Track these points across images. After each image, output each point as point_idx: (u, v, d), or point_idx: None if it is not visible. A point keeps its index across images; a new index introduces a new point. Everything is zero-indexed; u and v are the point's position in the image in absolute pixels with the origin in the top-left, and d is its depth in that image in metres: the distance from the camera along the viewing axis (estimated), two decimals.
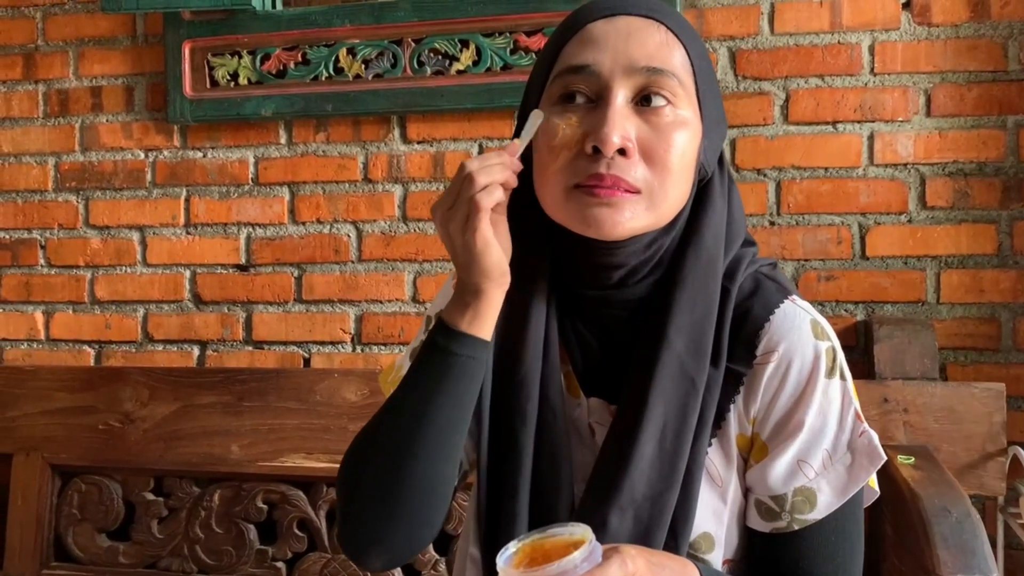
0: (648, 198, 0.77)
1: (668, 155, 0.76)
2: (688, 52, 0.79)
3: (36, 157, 1.95)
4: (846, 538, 0.83)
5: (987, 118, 1.57)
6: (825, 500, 0.81)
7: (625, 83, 0.77)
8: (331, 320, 1.82)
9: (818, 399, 0.81)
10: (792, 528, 0.81)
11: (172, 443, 1.71)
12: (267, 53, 1.80)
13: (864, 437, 0.81)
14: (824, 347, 0.82)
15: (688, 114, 0.78)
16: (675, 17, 0.81)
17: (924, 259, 1.60)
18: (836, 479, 0.81)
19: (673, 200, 0.79)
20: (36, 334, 1.96)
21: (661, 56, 0.77)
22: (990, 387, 1.46)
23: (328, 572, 1.64)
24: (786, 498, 0.81)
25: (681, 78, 0.78)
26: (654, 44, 0.77)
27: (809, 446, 0.81)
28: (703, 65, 0.81)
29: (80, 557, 1.77)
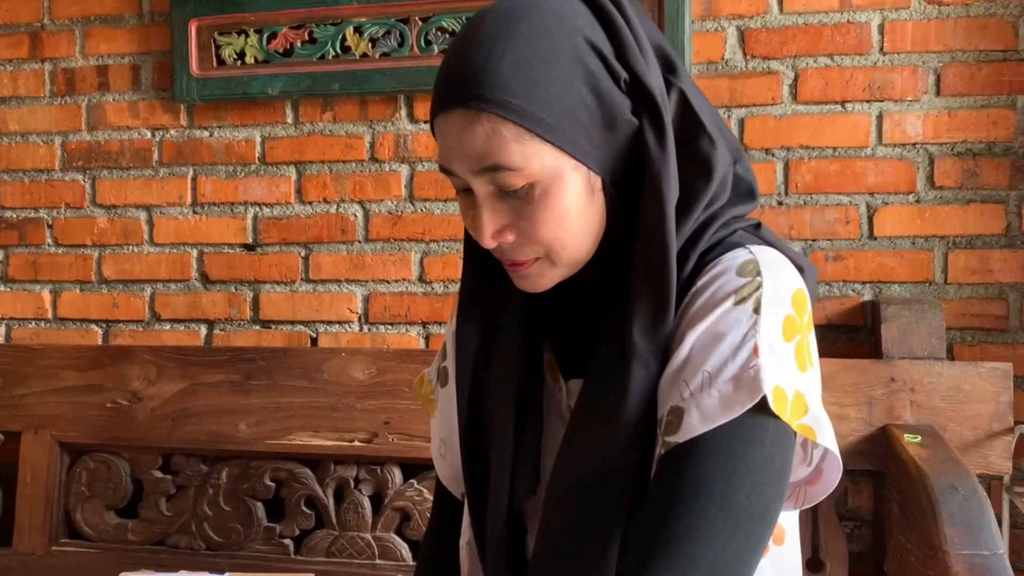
0: (548, 260, 0.81)
1: (541, 230, 0.78)
2: (518, 121, 0.75)
3: (43, 136, 1.95)
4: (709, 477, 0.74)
5: (997, 97, 1.57)
6: (690, 423, 0.75)
7: (478, 181, 0.78)
8: (338, 299, 1.83)
9: (712, 319, 0.77)
10: (661, 453, 0.77)
11: (180, 421, 1.72)
12: (274, 32, 1.80)
13: (752, 370, 0.75)
14: (743, 281, 0.78)
15: (550, 172, 0.77)
16: (492, 84, 0.75)
17: (932, 239, 1.60)
18: (708, 404, 0.75)
19: (576, 246, 0.81)
20: (44, 313, 1.96)
21: (491, 151, 0.75)
22: (997, 367, 1.46)
23: (335, 549, 1.66)
24: (662, 419, 0.78)
25: (520, 156, 0.76)
26: (480, 140, 0.75)
27: (690, 365, 0.77)
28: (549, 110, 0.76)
29: (89, 534, 1.78)
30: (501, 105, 0.74)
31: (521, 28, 0.76)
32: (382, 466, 1.66)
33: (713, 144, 0.81)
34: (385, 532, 1.65)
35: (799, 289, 0.81)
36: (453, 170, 0.79)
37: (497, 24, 0.77)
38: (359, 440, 1.64)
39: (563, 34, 0.76)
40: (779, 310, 0.78)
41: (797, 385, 0.77)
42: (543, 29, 0.76)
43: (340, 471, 1.68)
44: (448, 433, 1.00)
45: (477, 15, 0.80)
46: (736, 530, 0.74)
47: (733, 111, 1.64)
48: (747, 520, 0.74)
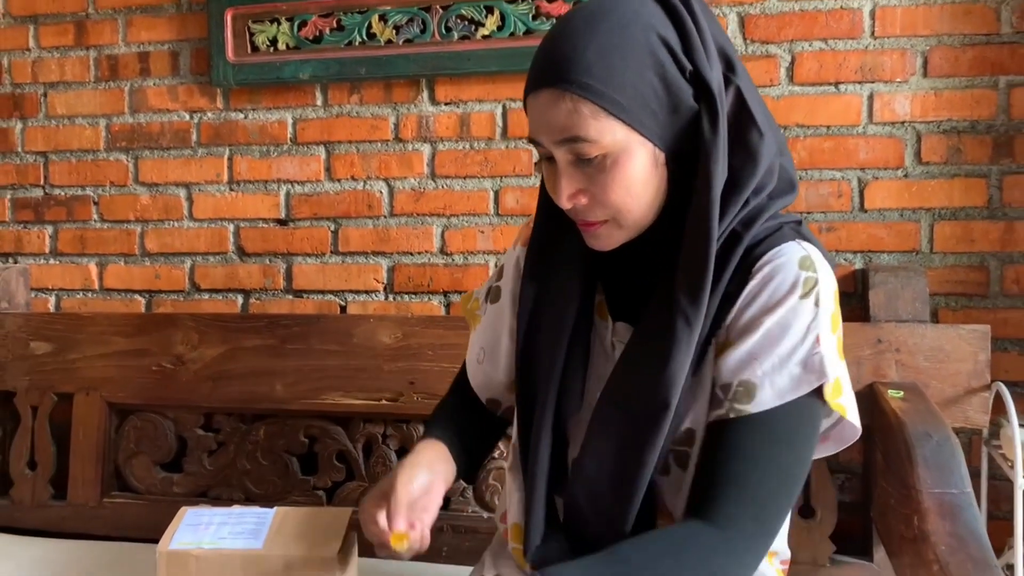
0: (615, 223, 0.95)
1: (611, 195, 0.92)
2: (596, 100, 0.88)
3: (88, 119, 2.08)
4: (774, 443, 0.91)
5: (980, 78, 1.68)
6: (764, 396, 0.90)
7: (559, 151, 0.93)
8: (365, 271, 1.96)
9: (784, 310, 0.92)
10: (729, 417, 0.92)
11: (220, 383, 1.85)
12: (304, 20, 1.92)
13: (817, 357, 0.91)
14: (805, 275, 0.93)
15: (620, 145, 0.90)
16: (580, 68, 0.89)
17: (919, 211, 1.71)
18: (780, 382, 0.90)
19: (640, 212, 0.94)
20: (91, 284, 2.10)
21: (572, 125, 0.90)
22: (976, 328, 1.57)
23: None
24: (730, 387, 0.93)
25: (596, 131, 0.89)
26: (563, 115, 0.90)
27: (763, 347, 0.92)
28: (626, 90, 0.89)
29: (137, 487, 1.93)
30: (582, 87, 0.88)
31: (604, 23, 0.91)
32: (408, 423, 1.79)
33: (761, 136, 0.93)
34: None
35: (835, 288, 0.97)
36: (540, 141, 0.94)
37: (584, 19, 0.92)
38: (386, 399, 1.77)
39: (639, 30, 0.90)
40: (829, 305, 0.94)
41: (838, 371, 0.93)
42: (622, 24, 0.90)
43: (369, 428, 1.81)
44: (490, 344, 1.18)
45: (569, 12, 0.97)
46: (782, 485, 0.92)
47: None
48: (792, 480, 0.92)
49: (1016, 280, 1.68)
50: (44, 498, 1.94)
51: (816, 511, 1.62)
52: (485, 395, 1.21)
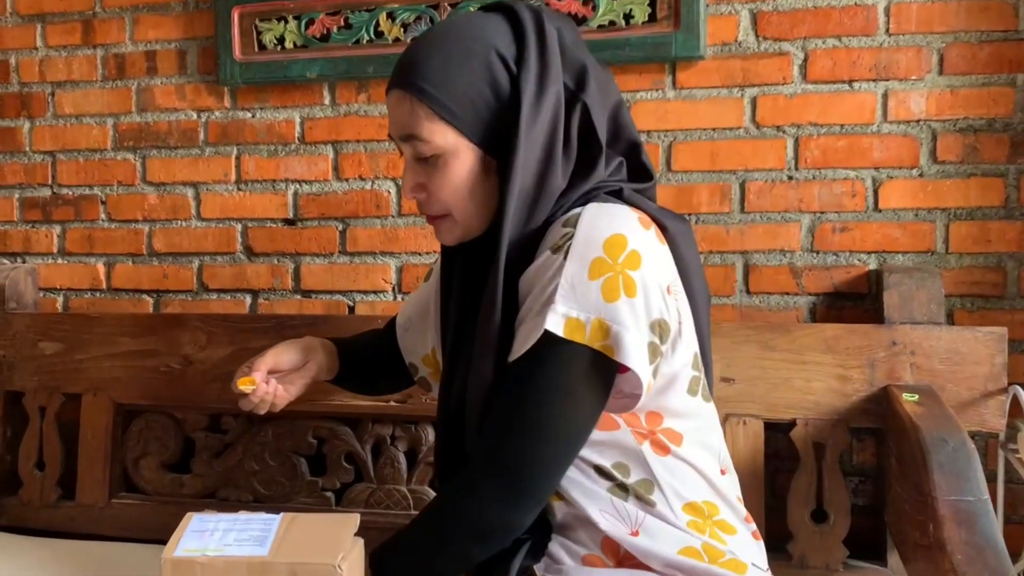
0: (452, 219, 1.08)
1: (441, 193, 1.06)
2: (429, 103, 1.01)
3: (96, 118, 2.08)
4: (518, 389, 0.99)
5: (997, 76, 1.65)
6: (515, 346, 1.00)
7: (404, 146, 1.07)
8: (373, 271, 1.94)
9: (535, 267, 1.00)
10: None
11: (228, 383, 1.81)
12: (311, 18, 1.90)
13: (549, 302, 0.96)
14: (563, 232, 1.00)
15: (451, 147, 1.03)
16: (420, 75, 1.02)
17: (934, 211, 1.68)
18: (523, 333, 0.99)
19: (471, 212, 1.07)
20: (99, 284, 2.10)
21: (409, 123, 1.03)
22: (992, 331, 1.55)
23: (373, 500, 1.78)
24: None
25: (428, 131, 1.02)
26: (404, 114, 1.04)
27: (524, 306, 1.01)
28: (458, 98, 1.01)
29: (145, 487, 1.92)
30: (419, 91, 1.01)
31: (451, 36, 1.04)
32: (416, 424, 1.78)
33: (600, 149, 1.05)
34: (419, 485, 1.78)
35: (615, 235, 0.99)
36: (392, 135, 1.08)
37: (438, 32, 1.06)
38: (394, 400, 1.75)
39: (480, 45, 1.02)
40: (586, 253, 0.97)
41: (599, 314, 0.96)
42: (467, 39, 1.03)
43: (377, 429, 1.80)
44: (413, 312, 1.39)
45: (435, 24, 1.12)
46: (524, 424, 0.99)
47: (746, 90, 1.73)
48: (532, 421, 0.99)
49: None
50: (52, 498, 1.93)
51: (829, 515, 1.60)
52: (408, 358, 1.39)
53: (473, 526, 1.02)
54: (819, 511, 1.61)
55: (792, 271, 1.73)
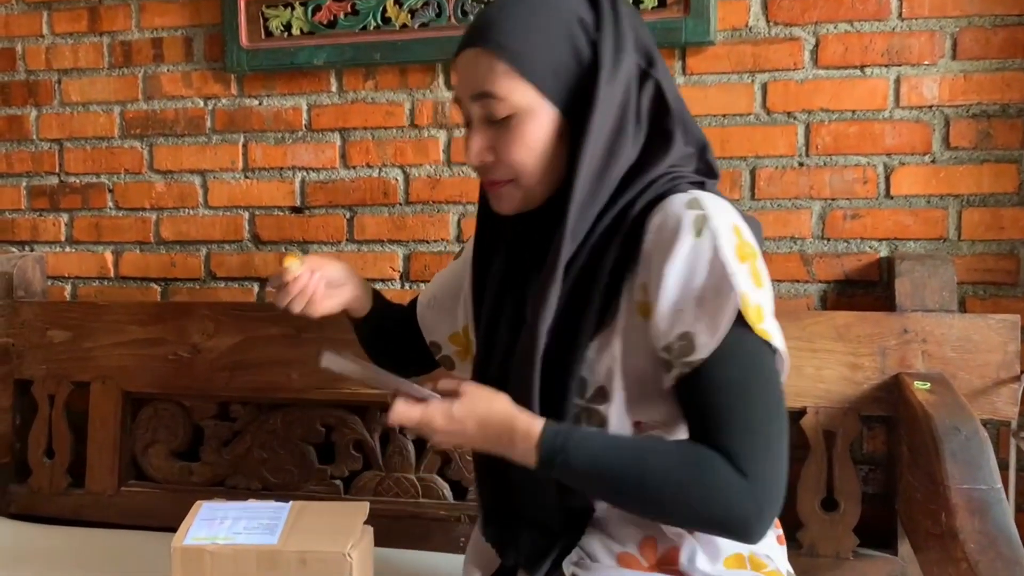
0: (516, 184, 1.04)
1: (512, 154, 1.01)
2: (509, 60, 0.99)
3: (103, 106, 2.07)
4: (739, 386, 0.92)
5: (1011, 61, 1.63)
6: (703, 340, 0.93)
7: (474, 106, 1.03)
8: (381, 259, 1.94)
9: (683, 252, 0.94)
10: (685, 372, 0.94)
11: (237, 372, 1.84)
12: (318, 4, 1.89)
13: (725, 283, 0.92)
14: (693, 214, 0.95)
15: (527, 106, 1.00)
16: (499, 34, 1.00)
17: (947, 198, 1.67)
18: (708, 320, 0.93)
19: (538, 175, 1.02)
20: (106, 272, 2.10)
21: (485, 81, 1.00)
22: (1005, 318, 1.54)
23: (382, 488, 1.78)
24: (672, 346, 0.95)
25: (506, 88, 0.99)
26: (480, 72, 1.01)
27: (678, 295, 0.94)
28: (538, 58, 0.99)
29: (154, 475, 1.93)
30: (499, 46, 0.99)
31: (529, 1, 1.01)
32: None
33: (675, 126, 1.02)
34: (428, 473, 1.78)
35: (735, 223, 0.97)
36: (460, 97, 1.05)
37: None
38: None
39: (560, 11, 1.00)
40: (727, 238, 0.94)
41: (756, 297, 0.94)
42: (547, 2, 1.01)
43: (386, 417, 1.80)
44: (439, 291, 1.34)
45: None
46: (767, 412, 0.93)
47: (756, 76, 1.72)
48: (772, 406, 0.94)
49: None
50: (62, 486, 1.94)
51: (839, 503, 1.59)
52: (430, 337, 1.35)
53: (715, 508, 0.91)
54: (829, 499, 1.60)
55: (803, 258, 1.72)
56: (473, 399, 0.99)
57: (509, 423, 0.97)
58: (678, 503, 0.92)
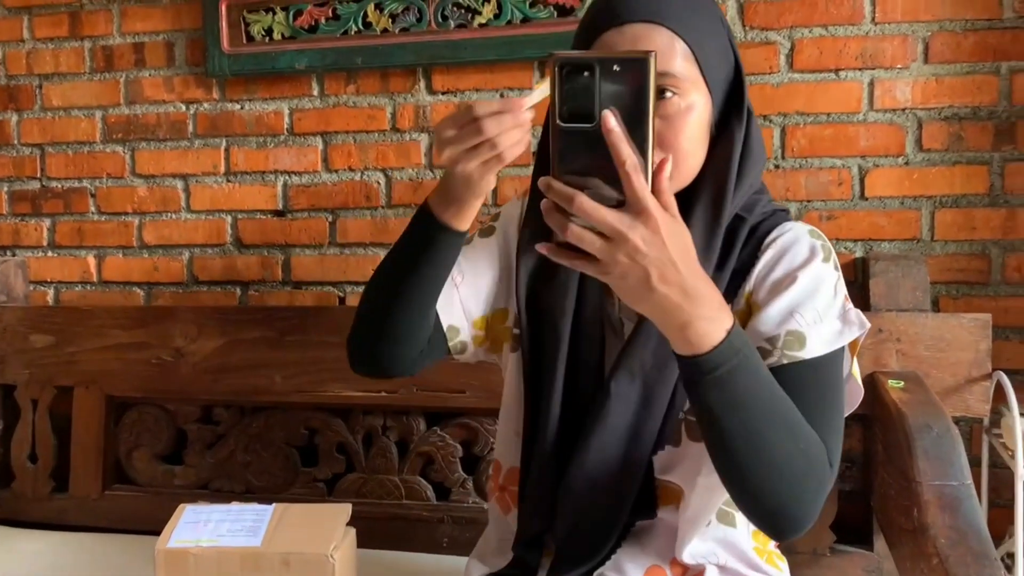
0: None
1: (678, 140, 0.93)
2: (689, 44, 0.92)
3: (84, 110, 2.07)
4: (830, 393, 0.95)
5: (982, 64, 1.66)
6: (814, 344, 0.94)
7: None
8: (364, 262, 1.95)
9: (813, 269, 0.96)
10: (782, 363, 0.94)
11: (220, 375, 1.85)
12: (299, 9, 1.90)
13: (852, 312, 0.97)
14: (820, 243, 0.99)
15: (695, 97, 0.94)
16: (675, 12, 0.93)
17: (920, 199, 1.70)
18: (825, 331, 0.95)
19: (689, 167, 0.97)
20: (89, 277, 2.10)
21: (664, 59, 0.90)
22: (977, 317, 1.57)
23: (366, 490, 1.79)
24: (779, 337, 0.95)
25: (684, 72, 0.93)
26: (660, 49, 0.90)
27: (802, 300, 0.95)
28: (708, 45, 0.94)
29: (138, 479, 1.93)
30: (684, 27, 0.92)
31: None
32: (407, 415, 1.79)
33: (758, 130, 1.02)
34: (411, 475, 1.79)
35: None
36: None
37: None
38: (385, 391, 1.76)
39: (716, 7, 1.00)
40: (840, 272, 1.00)
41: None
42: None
43: (369, 420, 1.81)
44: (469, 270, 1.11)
45: None
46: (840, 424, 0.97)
47: None
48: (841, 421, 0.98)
49: (1018, 268, 1.67)
50: (45, 491, 1.94)
51: None
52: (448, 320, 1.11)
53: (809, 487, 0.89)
54: None
55: None
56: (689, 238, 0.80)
57: (711, 287, 0.82)
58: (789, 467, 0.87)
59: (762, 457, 0.86)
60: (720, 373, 0.81)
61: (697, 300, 0.79)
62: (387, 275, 1.06)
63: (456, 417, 1.77)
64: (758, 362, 0.86)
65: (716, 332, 0.80)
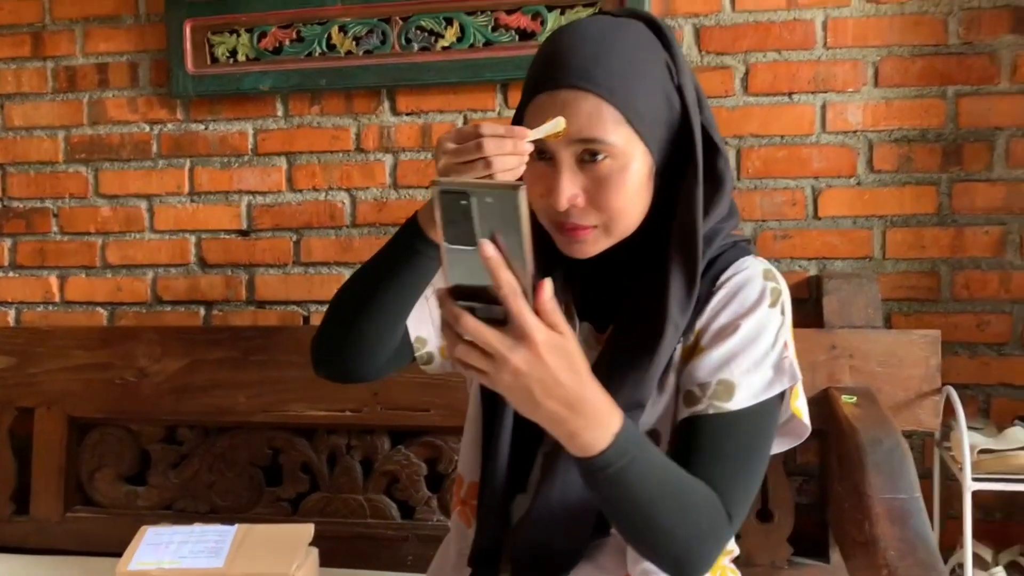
0: (604, 229, 0.96)
1: (611, 201, 0.94)
2: (619, 107, 0.92)
3: (47, 130, 2.07)
4: (750, 442, 0.96)
5: (929, 88, 1.71)
6: (742, 395, 0.95)
7: (567, 151, 0.93)
8: (328, 281, 1.96)
9: (758, 316, 0.97)
10: (707, 412, 0.95)
11: (184, 395, 1.85)
12: (264, 31, 1.92)
13: (787, 361, 0.97)
14: (771, 286, 0.99)
15: (630, 155, 0.93)
16: (604, 76, 0.92)
17: (871, 219, 1.75)
18: (756, 383, 0.95)
19: (632, 220, 0.97)
20: (51, 297, 2.09)
21: (591, 126, 0.92)
22: (927, 334, 1.62)
23: (330, 509, 1.80)
24: (709, 385, 0.96)
25: (614, 135, 0.92)
26: (584, 115, 0.92)
27: (740, 349, 0.96)
28: (642, 102, 0.93)
29: (101, 501, 1.92)
30: (609, 91, 0.92)
31: (619, 36, 0.96)
32: (372, 434, 1.80)
33: (727, 165, 1.00)
34: (376, 494, 1.80)
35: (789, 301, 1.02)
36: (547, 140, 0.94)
37: (598, 30, 0.96)
38: (349, 410, 1.77)
39: (650, 49, 0.96)
40: (788, 314, 1.00)
41: (798, 380, 0.99)
42: (636, 41, 0.96)
43: (333, 439, 1.82)
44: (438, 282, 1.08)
45: (579, 21, 1.00)
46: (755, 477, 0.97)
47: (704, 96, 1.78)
48: (760, 474, 0.98)
49: (966, 285, 1.72)
50: (6, 514, 1.92)
51: (774, 514, 1.65)
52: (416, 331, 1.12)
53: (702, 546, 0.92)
54: (764, 510, 1.66)
55: None
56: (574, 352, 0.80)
57: (597, 399, 0.83)
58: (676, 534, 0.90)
59: (653, 528, 0.90)
60: (610, 472, 0.84)
61: (582, 412, 0.81)
62: (363, 281, 1.07)
63: (420, 435, 1.79)
64: (649, 455, 0.88)
65: (602, 439, 0.83)
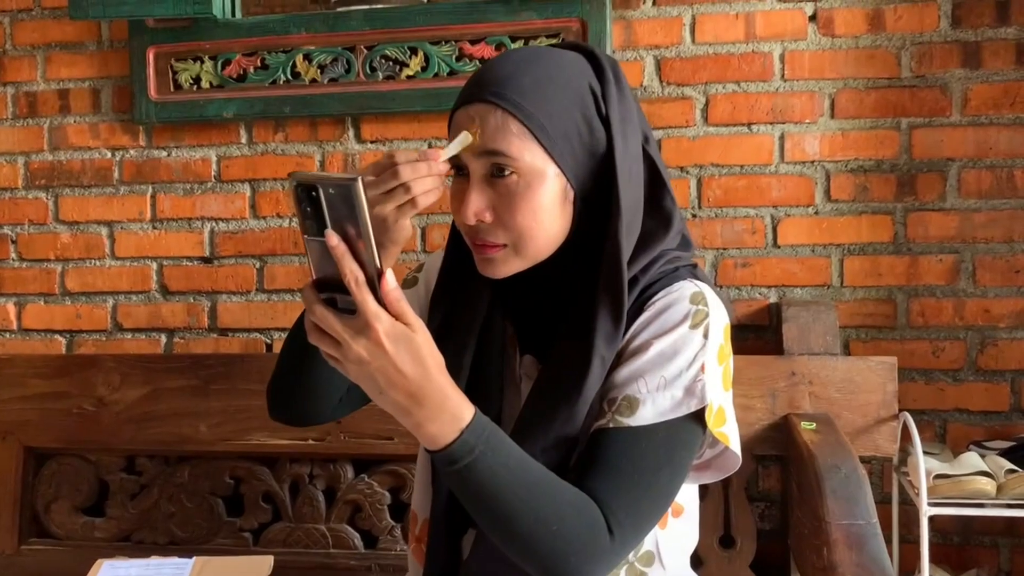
0: (513, 249, 0.96)
1: (517, 217, 0.94)
2: (525, 122, 0.93)
3: (5, 156, 2.05)
4: (648, 461, 0.94)
5: (883, 120, 1.76)
6: (646, 412, 0.94)
7: (476, 163, 0.95)
8: (291, 308, 1.95)
9: (674, 337, 0.96)
10: (608, 426, 0.94)
11: (143, 424, 1.82)
12: (228, 59, 1.92)
13: (700, 384, 0.95)
14: (696, 308, 0.98)
15: (537, 170, 0.94)
16: (514, 94, 0.93)
17: (829, 247, 1.78)
18: (662, 401, 0.94)
19: (541, 242, 0.97)
20: (8, 324, 2.06)
21: (496, 138, 0.93)
22: (884, 360, 1.64)
23: (292, 540, 1.78)
24: (615, 400, 0.96)
25: (519, 150, 0.93)
26: (492, 128, 0.93)
27: (650, 367, 0.95)
28: (554, 121, 0.94)
29: (57, 532, 1.88)
30: (515, 105, 0.93)
31: (543, 60, 0.98)
32: (335, 462, 1.79)
33: (673, 202, 1.01)
34: (338, 523, 1.78)
35: (727, 324, 1.02)
36: (459, 153, 0.96)
37: (525, 54, 0.99)
38: (312, 439, 1.76)
39: (573, 72, 0.97)
40: (718, 339, 0.98)
41: (721, 401, 0.98)
42: (559, 65, 0.97)
43: (295, 468, 1.81)
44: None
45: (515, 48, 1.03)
46: (659, 497, 0.95)
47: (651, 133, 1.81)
48: (666, 494, 0.96)
49: (921, 312, 1.75)
50: None
51: (736, 540, 1.66)
52: None
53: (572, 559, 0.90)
54: (727, 536, 1.67)
55: None
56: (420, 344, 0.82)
57: (442, 392, 0.84)
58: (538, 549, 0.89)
59: (511, 530, 0.89)
60: (457, 467, 0.85)
61: (425, 404, 0.82)
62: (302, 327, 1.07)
63: (384, 464, 1.78)
64: (502, 454, 0.87)
65: (448, 433, 0.84)
